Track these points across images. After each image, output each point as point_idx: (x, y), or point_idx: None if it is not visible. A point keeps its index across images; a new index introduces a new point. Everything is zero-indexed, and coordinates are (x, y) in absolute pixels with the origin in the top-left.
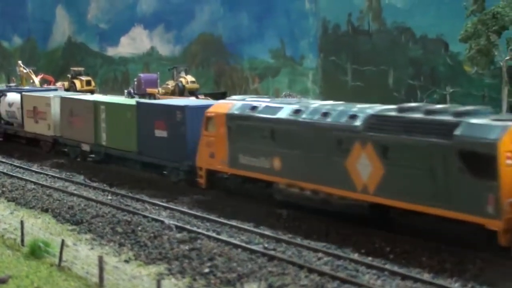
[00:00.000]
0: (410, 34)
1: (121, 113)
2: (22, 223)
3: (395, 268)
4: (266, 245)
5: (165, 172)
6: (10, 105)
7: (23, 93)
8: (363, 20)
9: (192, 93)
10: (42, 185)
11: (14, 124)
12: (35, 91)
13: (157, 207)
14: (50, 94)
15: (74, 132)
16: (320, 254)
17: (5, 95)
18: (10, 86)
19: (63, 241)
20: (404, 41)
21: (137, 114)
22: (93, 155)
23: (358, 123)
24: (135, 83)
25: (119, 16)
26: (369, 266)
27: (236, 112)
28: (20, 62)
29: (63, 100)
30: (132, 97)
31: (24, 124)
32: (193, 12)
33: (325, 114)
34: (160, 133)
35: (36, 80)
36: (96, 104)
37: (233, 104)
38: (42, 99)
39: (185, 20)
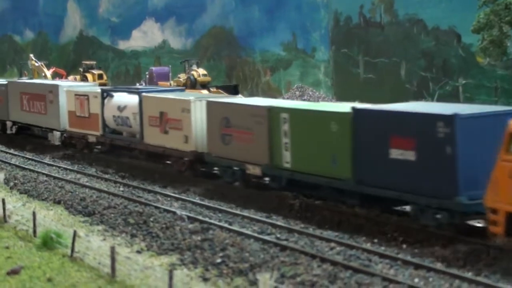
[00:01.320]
0: (422, 26)
1: (319, 124)
2: (34, 214)
3: (408, 258)
4: (278, 235)
5: (405, 209)
6: (120, 108)
7: (145, 94)
8: (375, 12)
9: (204, 86)
10: (54, 177)
11: (124, 133)
12: (159, 91)
13: (169, 198)
14: (188, 96)
15: (231, 149)
16: (332, 244)
17: (111, 96)
18: (102, 85)
19: (75, 232)
20: (416, 32)
21: (353, 126)
22: (266, 180)
23: None
24: (147, 76)
25: (131, 9)
26: (382, 256)
27: None
28: (31, 55)
29: (213, 105)
30: None
31: (144, 134)
32: (204, 5)
33: None
34: (402, 154)
35: (48, 73)
36: (273, 111)
37: None
38: (177, 102)
39: (197, 13)
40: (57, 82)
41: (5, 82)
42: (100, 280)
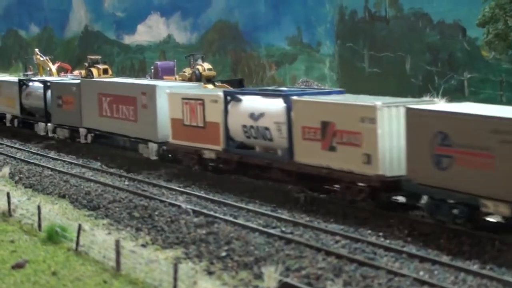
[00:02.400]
0: (427, 20)
1: None
2: (39, 208)
3: (413, 251)
4: (283, 229)
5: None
6: (254, 117)
7: (296, 98)
8: (380, 6)
9: (209, 80)
10: (59, 171)
11: (257, 148)
12: (317, 94)
13: (174, 192)
14: (369, 101)
15: (451, 176)
16: (337, 237)
17: (239, 100)
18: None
19: (80, 225)
20: (421, 27)
21: None
22: None
23: None
24: (152, 71)
25: (136, 4)
26: (387, 249)
27: None
28: (37, 50)
29: (418, 114)
30: None
31: (295, 150)
32: (209, 0)
33: None
34: None
35: (53, 68)
36: None
37: None
38: (352, 109)
39: (202, 8)
40: (153, 82)
41: (77, 81)
42: (105, 274)
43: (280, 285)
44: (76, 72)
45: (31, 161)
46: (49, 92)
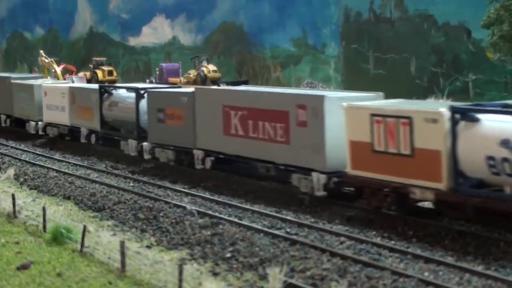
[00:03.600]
0: (432, 21)
1: None
2: (44, 209)
3: (418, 252)
4: (288, 230)
5: None
6: (510, 145)
7: None
8: (385, 7)
9: (214, 82)
10: (64, 173)
11: (509, 189)
12: None
13: (179, 193)
14: None
15: None
16: (342, 238)
17: (476, 120)
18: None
19: (85, 227)
20: (427, 28)
21: None
22: None
23: None
24: (157, 72)
25: (141, 5)
26: (392, 250)
27: None
28: (42, 52)
29: None
30: None
31: None
32: (214, 1)
33: None
34: None
35: (58, 69)
36: None
37: None
38: None
39: (207, 9)
40: (318, 92)
41: (189, 90)
42: (109, 275)
43: (285, 286)
44: (81, 74)
45: (36, 162)
46: (143, 102)
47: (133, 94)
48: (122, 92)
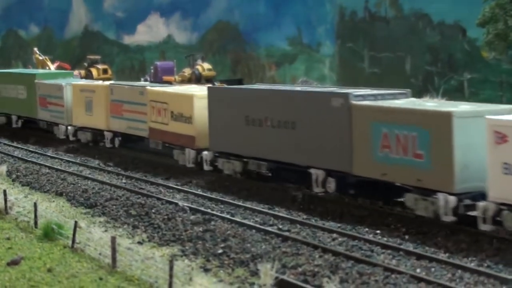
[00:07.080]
0: (427, 20)
1: None
2: (35, 205)
3: (410, 248)
4: (280, 226)
5: None
6: None
7: None
8: (380, 6)
9: (209, 80)
10: (57, 169)
11: None
12: None
13: (171, 190)
14: None
15: None
16: (334, 235)
17: None
18: None
19: (76, 222)
20: (422, 27)
21: None
22: None
23: None
24: (152, 71)
25: (136, 4)
26: (384, 246)
27: None
28: (35, 49)
29: None
30: None
31: None
32: (209, 0)
33: None
34: None
35: (52, 67)
36: None
37: None
38: None
39: (202, 8)
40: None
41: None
42: (100, 271)
43: (277, 282)
44: (75, 72)
45: (28, 159)
46: None
47: None
48: None
